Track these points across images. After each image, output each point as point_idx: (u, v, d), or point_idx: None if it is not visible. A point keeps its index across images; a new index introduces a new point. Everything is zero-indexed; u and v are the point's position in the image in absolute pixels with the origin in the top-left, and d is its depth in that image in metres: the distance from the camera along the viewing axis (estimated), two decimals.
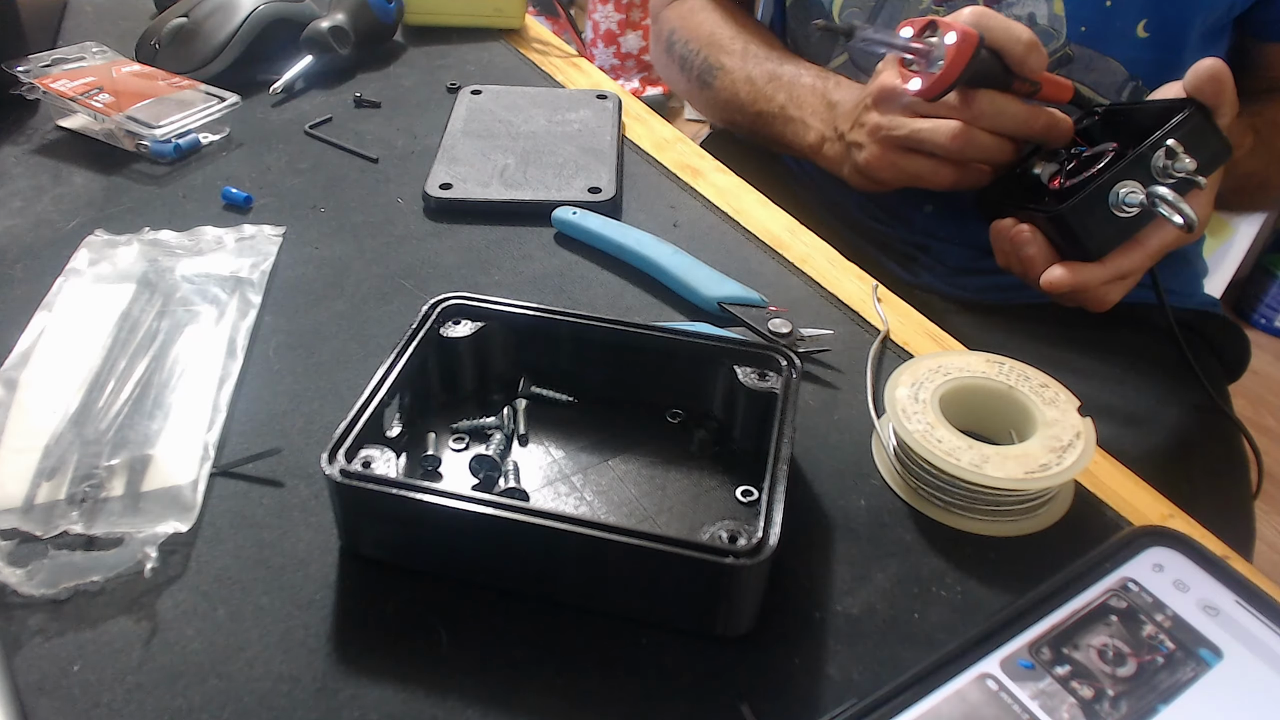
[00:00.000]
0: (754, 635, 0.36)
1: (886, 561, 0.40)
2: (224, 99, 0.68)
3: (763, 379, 0.42)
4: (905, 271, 0.78)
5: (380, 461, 0.37)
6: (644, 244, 0.56)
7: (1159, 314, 0.73)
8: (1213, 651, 0.31)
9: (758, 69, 0.75)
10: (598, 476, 0.42)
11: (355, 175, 0.66)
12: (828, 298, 0.56)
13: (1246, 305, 2.11)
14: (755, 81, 0.75)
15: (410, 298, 0.54)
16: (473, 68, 0.84)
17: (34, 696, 0.33)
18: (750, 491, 0.41)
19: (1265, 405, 1.79)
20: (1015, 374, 0.44)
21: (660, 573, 0.34)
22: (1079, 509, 0.42)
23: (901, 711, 0.29)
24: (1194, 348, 0.73)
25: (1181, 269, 0.79)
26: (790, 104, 0.72)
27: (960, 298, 0.76)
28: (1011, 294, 0.73)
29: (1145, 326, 0.72)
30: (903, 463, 0.43)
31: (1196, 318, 0.77)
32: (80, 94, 0.66)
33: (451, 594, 0.37)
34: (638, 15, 2.70)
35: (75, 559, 0.37)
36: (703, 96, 0.83)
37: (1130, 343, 0.71)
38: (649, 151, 0.71)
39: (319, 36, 0.78)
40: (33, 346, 0.47)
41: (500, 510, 0.34)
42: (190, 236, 0.57)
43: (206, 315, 0.50)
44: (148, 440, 0.42)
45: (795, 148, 0.72)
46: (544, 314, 0.44)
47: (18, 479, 0.40)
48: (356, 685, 0.34)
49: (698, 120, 2.79)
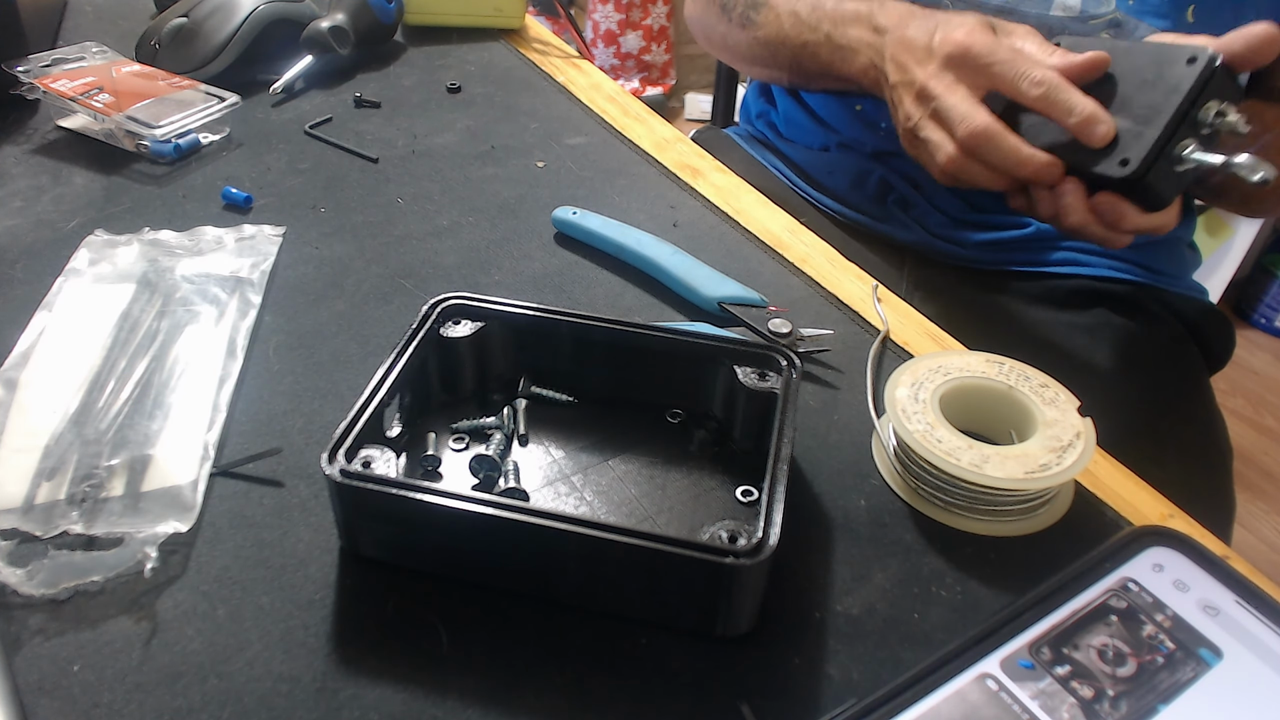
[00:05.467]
0: (754, 635, 0.36)
1: (886, 561, 0.40)
2: (224, 99, 0.69)
3: (763, 379, 0.42)
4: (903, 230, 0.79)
5: (380, 461, 0.37)
6: (644, 244, 0.56)
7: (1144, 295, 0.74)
8: (1213, 651, 0.31)
9: (801, 2, 0.74)
10: (598, 476, 0.42)
11: (355, 175, 0.66)
12: (828, 298, 0.56)
13: (1246, 305, 2.11)
14: (799, 14, 0.74)
15: (410, 298, 0.54)
16: (473, 68, 0.84)
17: (34, 696, 0.33)
18: (750, 491, 0.41)
19: (1265, 405, 1.79)
20: (1015, 374, 0.44)
21: (660, 573, 0.34)
22: (1079, 509, 0.42)
23: (901, 711, 0.29)
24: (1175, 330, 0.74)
25: (1171, 252, 0.80)
26: (836, 32, 0.70)
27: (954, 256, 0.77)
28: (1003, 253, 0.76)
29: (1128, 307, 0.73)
30: (903, 463, 0.43)
31: (1181, 302, 0.77)
32: (80, 94, 0.66)
33: (451, 594, 0.37)
34: (638, 15, 2.70)
35: (75, 559, 0.37)
36: (745, 37, 0.81)
37: (1112, 323, 0.72)
38: (649, 151, 0.71)
39: (319, 36, 0.78)
40: (33, 346, 0.47)
41: (500, 510, 0.34)
42: (190, 236, 0.57)
43: (206, 315, 0.50)
44: (148, 440, 0.42)
45: (845, 77, 0.71)
46: (544, 314, 0.44)
47: (18, 479, 0.40)
48: (356, 685, 0.34)
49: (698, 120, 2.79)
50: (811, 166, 0.86)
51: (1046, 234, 0.76)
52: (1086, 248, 0.76)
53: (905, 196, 0.79)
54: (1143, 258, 0.77)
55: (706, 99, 2.69)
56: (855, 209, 0.82)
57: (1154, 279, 0.77)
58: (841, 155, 0.84)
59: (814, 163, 0.86)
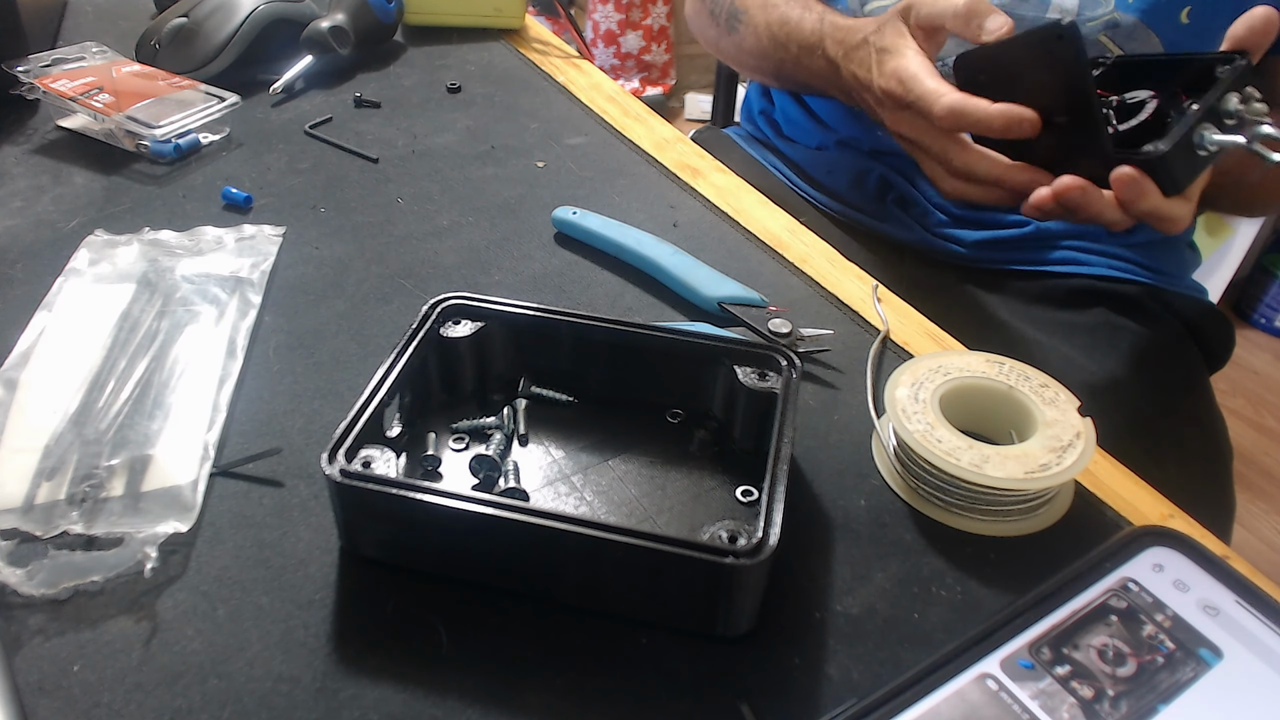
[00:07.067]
0: (754, 635, 0.36)
1: (886, 561, 0.40)
2: (224, 99, 0.69)
3: (763, 379, 0.42)
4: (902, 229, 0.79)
5: (380, 461, 0.37)
6: (644, 244, 0.56)
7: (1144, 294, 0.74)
8: (1213, 651, 0.31)
9: (774, 14, 0.74)
10: (598, 476, 0.42)
11: (355, 175, 0.66)
12: (828, 298, 0.56)
13: (1246, 305, 2.11)
14: (773, 29, 0.74)
15: (410, 298, 0.54)
16: (473, 68, 0.84)
17: (34, 696, 0.33)
18: (750, 491, 0.41)
19: (1265, 405, 1.79)
20: (1015, 374, 0.44)
21: (660, 573, 0.34)
22: (1079, 509, 0.42)
23: (901, 711, 0.29)
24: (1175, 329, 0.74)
25: (1171, 251, 0.80)
26: (801, 54, 0.71)
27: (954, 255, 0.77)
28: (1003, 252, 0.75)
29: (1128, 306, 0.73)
30: (903, 463, 0.43)
31: (1181, 301, 0.78)
32: (80, 94, 0.66)
33: (451, 594, 0.37)
34: (638, 15, 2.70)
35: (75, 559, 0.37)
36: (731, 43, 0.82)
37: (1111, 322, 0.72)
38: (649, 151, 0.71)
39: (319, 36, 0.78)
40: (33, 346, 0.47)
41: (500, 510, 0.34)
42: (190, 236, 0.57)
43: (206, 315, 0.50)
44: (148, 440, 0.42)
45: (828, 94, 0.72)
46: (544, 314, 0.44)
47: (18, 479, 0.40)
48: (356, 685, 0.34)
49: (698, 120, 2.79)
50: (811, 166, 0.86)
51: (1046, 233, 0.76)
52: (1087, 247, 0.76)
53: (905, 195, 0.79)
54: (1143, 257, 0.77)
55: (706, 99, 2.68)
56: (855, 208, 0.82)
57: (1154, 279, 0.77)
58: (841, 154, 0.84)
59: (813, 162, 0.86)
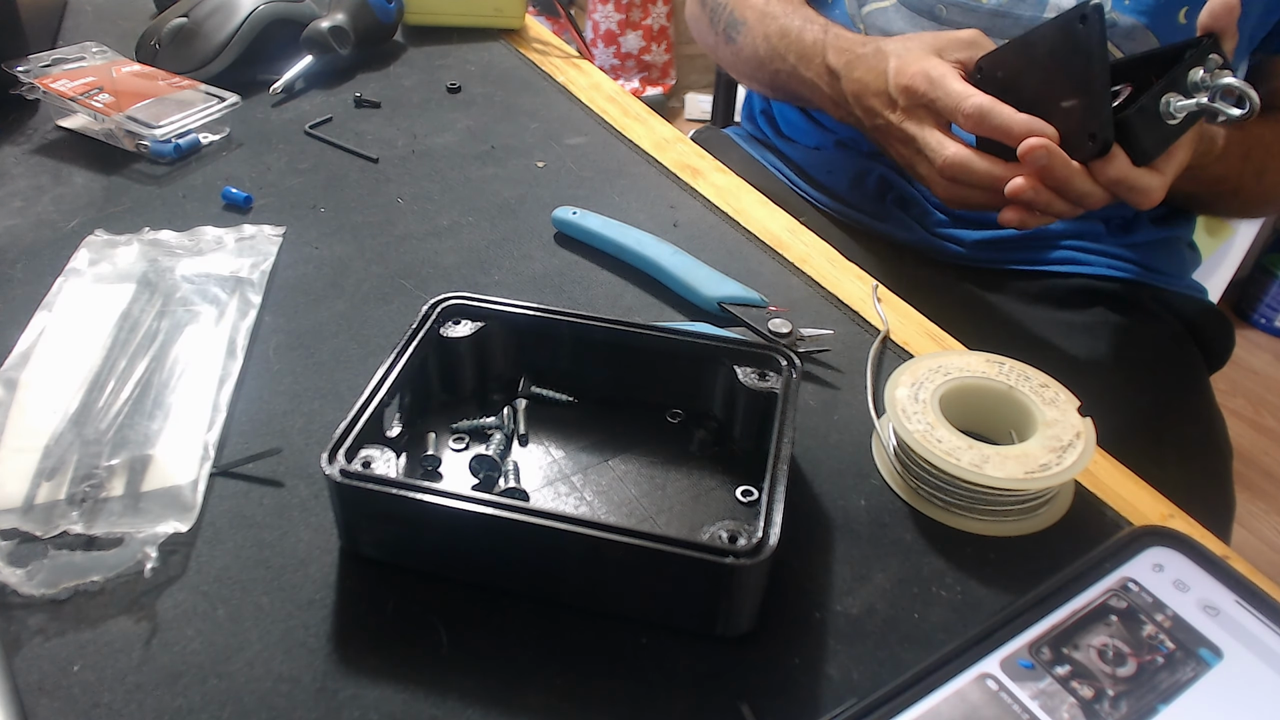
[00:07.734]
0: (754, 635, 0.36)
1: (886, 561, 0.40)
2: (224, 99, 0.69)
3: (763, 379, 0.42)
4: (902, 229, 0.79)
5: (380, 461, 0.37)
6: (644, 244, 0.56)
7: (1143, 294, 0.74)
8: (1213, 651, 0.31)
9: (773, 25, 0.75)
10: (598, 476, 0.42)
11: (355, 175, 0.66)
12: (828, 298, 0.56)
13: (1246, 305, 2.11)
14: (771, 40, 0.74)
15: (410, 298, 0.54)
16: (473, 68, 0.84)
17: (34, 696, 0.33)
18: (750, 491, 0.41)
19: (1265, 405, 1.79)
20: (1015, 374, 0.44)
21: (660, 573, 0.34)
22: (1079, 509, 0.42)
23: (901, 711, 0.29)
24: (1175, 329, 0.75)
25: (1171, 251, 0.80)
26: (800, 65, 0.71)
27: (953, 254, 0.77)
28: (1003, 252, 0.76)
29: (1128, 306, 0.74)
30: (903, 463, 0.43)
31: (1181, 301, 0.78)
32: (80, 94, 0.66)
33: (451, 594, 0.37)
34: (638, 15, 2.70)
35: (75, 559, 0.37)
36: (729, 51, 0.82)
37: (1111, 321, 0.72)
38: (649, 151, 0.71)
39: (319, 36, 0.78)
40: (33, 346, 0.47)
41: (500, 510, 0.34)
42: (190, 236, 0.57)
43: (206, 315, 0.50)
44: (148, 440, 0.42)
45: (819, 108, 0.73)
46: (544, 314, 0.44)
47: (18, 479, 0.40)
48: (356, 685, 0.34)
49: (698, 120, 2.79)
50: (811, 165, 0.86)
51: (1046, 233, 0.76)
52: (1086, 247, 0.76)
53: (904, 195, 0.79)
54: (1142, 257, 0.77)
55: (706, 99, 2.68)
56: (855, 208, 0.82)
57: (1154, 278, 0.77)
58: (840, 154, 0.84)
59: (813, 162, 0.86)
